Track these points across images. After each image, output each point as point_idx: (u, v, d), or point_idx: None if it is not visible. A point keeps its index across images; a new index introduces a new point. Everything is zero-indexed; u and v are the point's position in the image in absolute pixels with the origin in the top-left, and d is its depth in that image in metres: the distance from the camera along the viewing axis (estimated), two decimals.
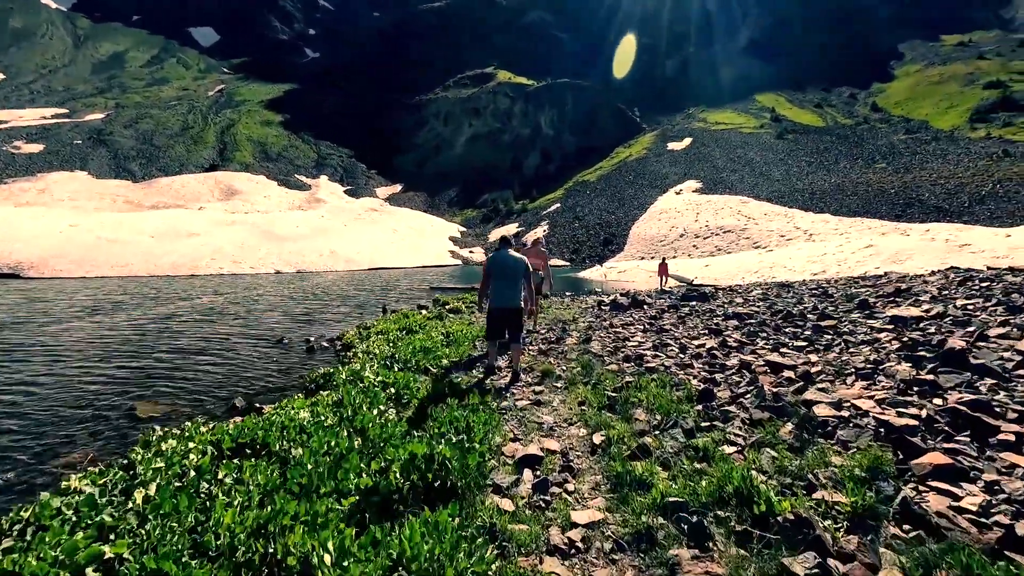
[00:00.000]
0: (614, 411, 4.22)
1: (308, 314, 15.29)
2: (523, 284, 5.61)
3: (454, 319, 11.31)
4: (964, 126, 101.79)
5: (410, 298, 21.21)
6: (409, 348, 6.79)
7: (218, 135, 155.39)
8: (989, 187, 46.95)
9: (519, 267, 5.55)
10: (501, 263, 5.54)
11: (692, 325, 7.58)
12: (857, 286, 11.66)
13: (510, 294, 5.50)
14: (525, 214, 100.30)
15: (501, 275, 5.51)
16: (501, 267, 5.52)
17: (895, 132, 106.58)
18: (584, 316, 10.32)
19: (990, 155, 62.50)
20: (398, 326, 9.20)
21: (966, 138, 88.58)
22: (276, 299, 20.46)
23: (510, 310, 5.52)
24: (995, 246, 17.67)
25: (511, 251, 5.65)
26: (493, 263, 5.58)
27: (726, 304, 9.88)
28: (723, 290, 14.42)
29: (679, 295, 13.08)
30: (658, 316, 8.93)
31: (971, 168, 55.72)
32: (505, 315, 5.54)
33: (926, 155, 73.21)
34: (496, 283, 5.55)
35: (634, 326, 7.98)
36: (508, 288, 5.50)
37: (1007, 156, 59.06)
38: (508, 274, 5.51)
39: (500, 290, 5.53)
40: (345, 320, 13.76)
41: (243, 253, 47.14)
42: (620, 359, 5.88)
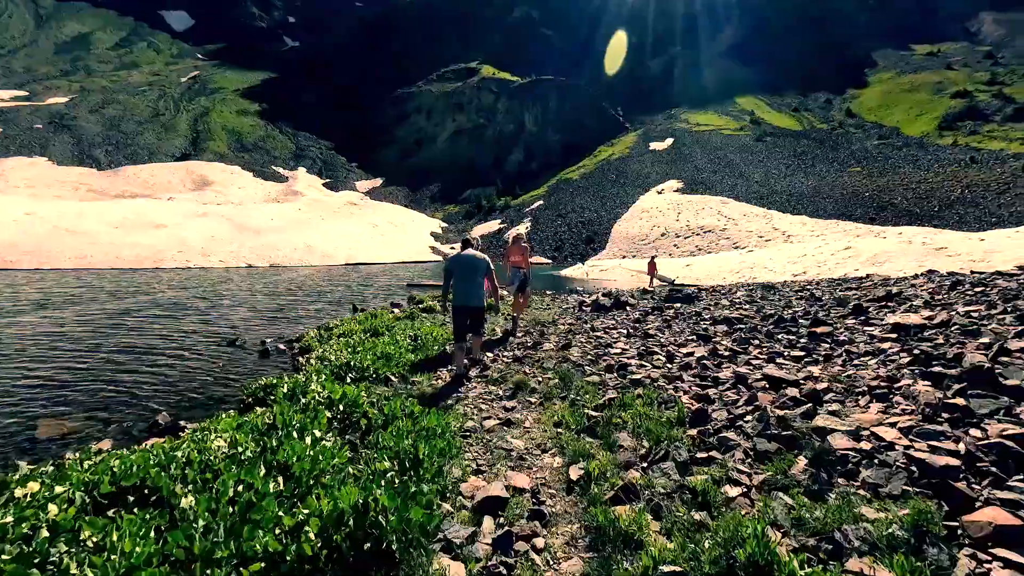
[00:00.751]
0: (595, 434, 3.64)
1: (275, 312, 14.36)
2: (484, 283, 5.72)
3: (426, 319, 10.61)
4: (933, 133, 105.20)
5: (386, 295, 20.37)
6: (370, 354, 6.10)
7: (191, 123, 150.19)
8: (958, 192, 48.38)
9: (479, 266, 5.63)
10: (461, 263, 5.63)
11: (679, 330, 7.08)
12: (842, 288, 11.39)
13: (471, 293, 5.57)
14: (508, 211, 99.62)
15: (462, 275, 5.58)
16: (461, 267, 5.60)
17: (868, 137, 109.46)
18: (564, 318, 9.75)
19: (958, 162, 64.53)
20: (363, 327, 8.47)
21: (935, 145, 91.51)
22: (244, 295, 19.37)
23: (472, 309, 5.59)
24: (971, 249, 17.82)
25: (472, 251, 5.74)
26: (453, 263, 5.68)
27: (712, 306, 9.44)
28: (707, 291, 14.07)
29: (662, 296, 12.65)
30: (642, 319, 8.42)
31: (940, 174, 57.44)
32: (468, 313, 5.61)
33: (898, 160, 75.28)
34: (457, 283, 5.61)
35: (617, 330, 7.44)
36: (469, 287, 5.57)
37: (974, 163, 61.07)
38: (468, 274, 5.58)
39: (461, 289, 5.58)
40: (314, 318, 12.92)
41: (213, 246, 45.26)
42: (602, 369, 5.31)
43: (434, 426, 3.64)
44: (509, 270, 8.38)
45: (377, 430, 3.74)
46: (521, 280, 8.22)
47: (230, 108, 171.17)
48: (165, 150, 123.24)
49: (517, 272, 8.26)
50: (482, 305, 5.71)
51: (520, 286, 8.26)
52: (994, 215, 42.34)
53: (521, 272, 8.26)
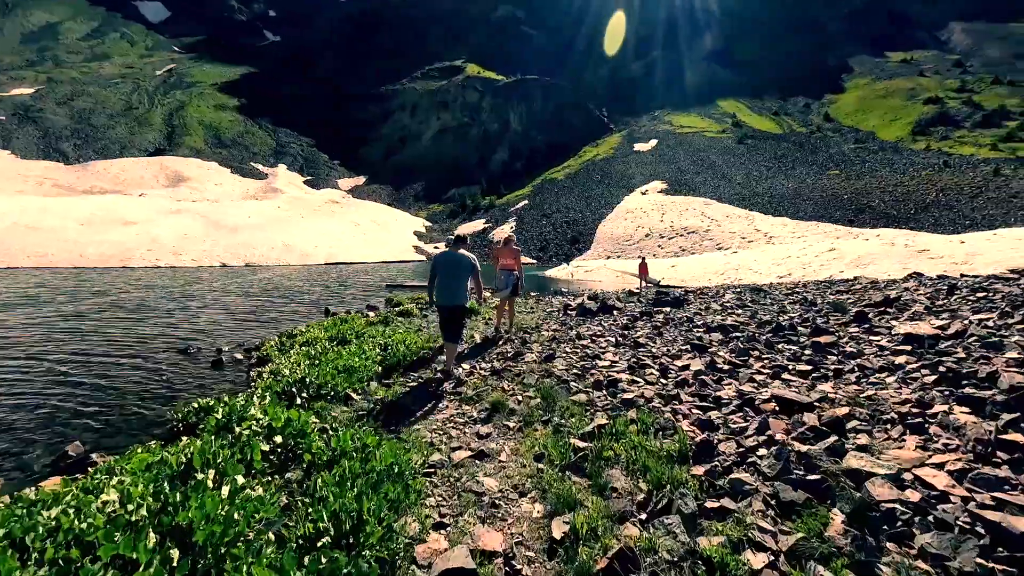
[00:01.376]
0: (582, 472, 3.07)
1: (244, 314, 13.49)
2: (469, 282, 5.61)
3: (402, 324, 9.94)
4: (907, 138, 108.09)
5: (364, 297, 19.57)
6: (330, 367, 5.44)
7: (166, 117, 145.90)
8: (933, 195, 49.49)
9: (465, 265, 5.50)
10: (447, 261, 5.51)
11: (671, 338, 6.57)
12: (833, 291, 11.09)
13: (454, 291, 5.46)
14: (492, 210, 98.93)
15: (446, 273, 5.47)
16: (447, 265, 5.48)
17: (846, 141, 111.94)
18: (548, 323, 9.19)
19: (932, 166, 66.17)
20: (329, 334, 7.77)
21: (909, 149, 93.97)
22: (215, 295, 18.35)
23: (455, 307, 5.49)
24: (952, 252, 17.88)
25: (461, 250, 5.59)
26: (439, 261, 5.55)
27: (703, 311, 8.99)
28: (694, 293, 13.69)
29: (650, 299, 12.20)
30: (630, 325, 7.90)
31: (916, 177, 58.79)
32: (449, 311, 5.52)
33: (875, 164, 76.94)
34: (441, 281, 5.50)
35: (605, 338, 6.89)
36: (452, 285, 5.46)
37: (947, 167, 62.70)
38: (452, 272, 5.47)
39: (444, 288, 5.49)
40: (288, 321, 12.12)
41: (185, 244, 43.57)
42: (590, 385, 4.75)
43: (390, 464, 3.02)
44: (499, 274, 7.59)
45: (321, 470, 3.10)
46: (514, 284, 7.51)
47: (207, 103, 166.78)
48: (138, 145, 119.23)
49: (509, 276, 7.49)
50: (464, 304, 5.56)
51: (513, 291, 7.57)
52: (968, 218, 43.37)
53: (513, 276, 7.51)
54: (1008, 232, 21.13)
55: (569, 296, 16.85)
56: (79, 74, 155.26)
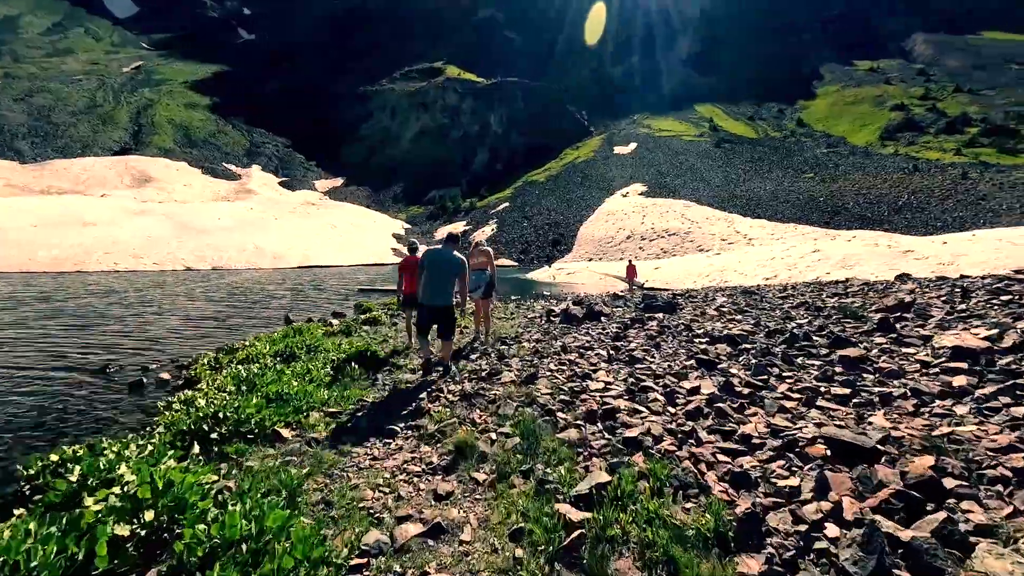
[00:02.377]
0: (578, 565, 2.13)
1: (198, 322, 12.17)
2: (455, 284, 5.42)
3: (367, 333, 8.88)
4: (876, 143, 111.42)
5: (336, 301, 18.32)
6: (258, 395, 4.39)
7: (133, 116, 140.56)
8: (904, 198, 50.56)
9: (454, 266, 5.33)
10: (435, 259, 5.34)
11: (670, 350, 5.70)
12: (827, 294, 10.48)
13: (440, 292, 5.28)
14: (473, 212, 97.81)
15: (433, 272, 5.29)
16: (435, 263, 5.32)
17: (818, 146, 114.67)
18: (530, 331, 8.26)
19: (902, 169, 67.97)
20: (275, 348, 6.67)
21: (878, 154, 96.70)
22: (170, 301, 16.84)
23: (440, 308, 5.33)
24: (937, 253, 17.68)
25: (451, 248, 5.41)
26: (427, 258, 5.38)
27: (699, 317, 8.18)
28: (683, 296, 12.97)
29: (639, 303, 11.41)
30: (622, 334, 7.02)
31: (888, 180, 60.15)
32: (435, 312, 5.35)
33: (848, 167, 78.74)
34: (427, 279, 5.30)
35: (594, 351, 5.98)
36: (438, 285, 5.27)
37: (917, 171, 64.47)
38: (440, 271, 5.29)
39: (430, 286, 5.29)
40: (245, 331, 10.89)
41: (148, 247, 41.23)
42: (580, 416, 3.81)
43: (298, 561, 2.03)
44: (471, 274, 7.02)
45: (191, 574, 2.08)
46: (487, 284, 7.09)
47: (177, 101, 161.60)
48: (102, 143, 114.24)
49: (481, 275, 7.09)
50: (451, 303, 5.39)
51: (486, 290, 7.14)
52: (939, 220, 44.35)
53: (486, 275, 7.11)
54: (985, 233, 21.20)
55: (552, 300, 15.97)
56: (39, 70, 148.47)
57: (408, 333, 7.51)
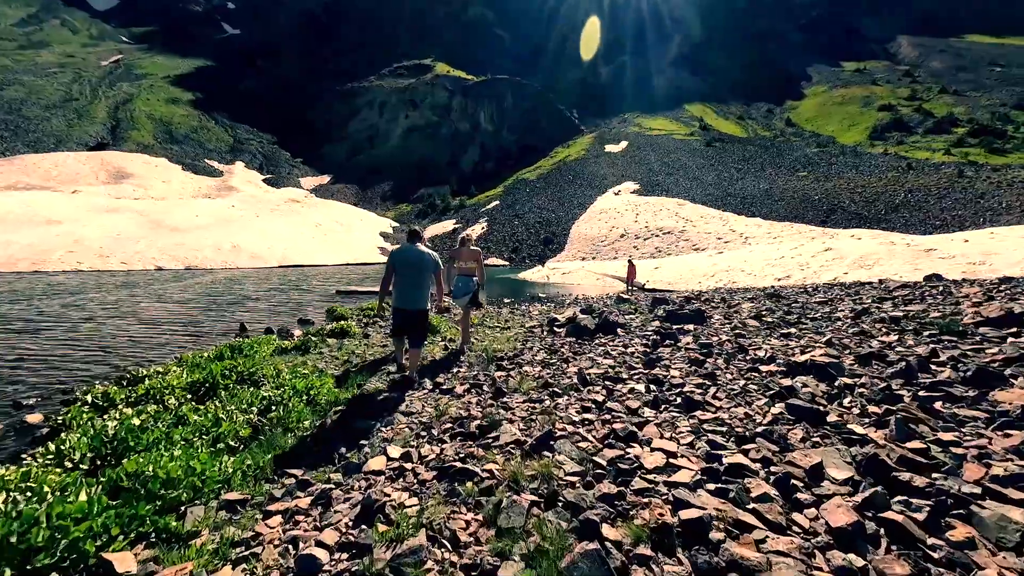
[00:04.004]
0: None
1: (145, 330, 10.32)
2: (430, 283, 5.05)
3: (329, 349, 7.17)
4: (865, 142, 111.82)
5: (310, 304, 16.49)
6: (109, 478, 2.69)
7: (111, 110, 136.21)
8: (901, 196, 49.91)
9: (425, 264, 4.87)
10: (404, 258, 4.85)
11: (735, 385, 4.10)
12: (871, 297, 9.01)
13: (413, 295, 4.86)
14: (463, 210, 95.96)
15: (404, 273, 4.85)
16: (404, 263, 4.84)
17: (808, 145, 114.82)
18: (531, 347, 6.63)
19: (896, 168, 67.63)
20: (193, 378, 4.93)
21: (867, 153, 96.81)
22: (128, 304, 14.87)
23: (413, 312, 4.89)
24: (964, 251, 16.43)
25: (420, 245, 4.96)
26: (395, 258, 4.88)
27: (742, 329, 6.60)
28: (698, 299, 11.43)
29: (656, 310, 9.83)
30: (652, 354, 5.42)
31: (883, 179, 59.63)
32: (407, 317, 4.92)
33: (841, 166, 78.38)
34: (399, 281, 4.89)
35: (626, 383, 4.36)
36: (411, 288, 4.86)
37: (911, 169, 64.14)
38: (412, 272, 4.85)
39: (402, 290, 4.88)
40: (193, 341, 9.09)
41: (115, 245, 38.77)
42: (646, 535, 2.14)
43: None
44: (456, 279, 6.35)
45: None
46: (473, 292, 6.32)
47: (158, 96, 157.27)
48: (77, 138, 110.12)
49: (468, 281, 6.31)
50: (425, 308, 4.97)
51: (472, 299, 6.38)
52: (937, 218, 43.62)
53: (473, 281, 6.32)
54: (1005, 231, 20.07)
55: (550, 304, 14.33)
56: (12, 62, 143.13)
57: None
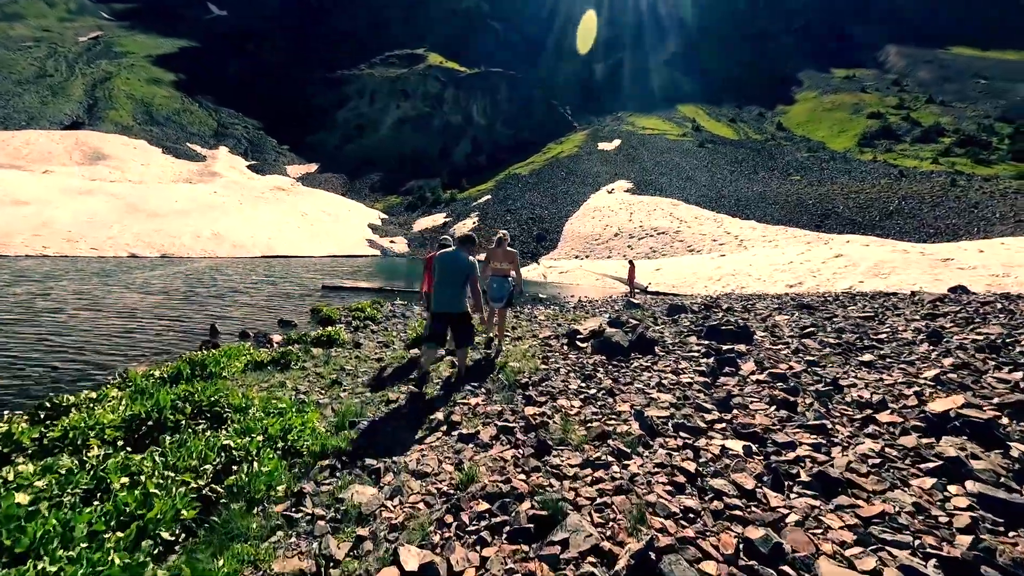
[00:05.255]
0: None
1: (105, 327, 8.97)
2: (466, 288, 4.96)
3: (314, 363, 6.01)
4: (854, 149, 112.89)
5: (298, 299, 15.17)
6: None
7: (88, 88, 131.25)
8: (895, 203, 50.00)
9: (462, 269, 4.87)
10: (443, 263, 4.92)
11: (865, 448, 3.07)
12: (918, 313, 8.14)
13: (451, 298, 4.88)
14: (454, 204, 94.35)
15: (442, 278, 4.90)
16: (442, 268, 4.91)
17: (798, 150, 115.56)
18: (556, 369, 5.56)
19: (888, 175, 68.01)
20: (136, 410, 3.73)
21: (857, 160, 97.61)
22: (91, 297, 13.39)
23: (454, 315, 4.93)
24: (983, 262, 15.81)
25: (459, 250, 4.98)
26: (437, 262, 4.98)
27: (803, 351, 5.61)
28: (716, 307, 10.47)
29: (670, 315, 8.84)
30: (718, 389, 4.39)
31: (876, 185, 59.82)
32: (449, 320, 4.95)
33: (833, 171, 78.72)
34: (437, 285, 4.93)
35: (711, 436, 3.31)
36: (449, 291, 4.88)
37: (903, 177, 64.54)
38: (450, 277, 4.88)
39: (442, 293, 4.90)
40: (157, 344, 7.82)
41: (86, 230, 36.60)
42: None
43: None
44: (491, 280, 6.15)
45: None
46: (509, 294, 6.13)
47: (139, 76, 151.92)
48: (50, 116, 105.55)
49: (503, 283, 6.11)
50: (466, 311, 4.94)
51: (508, 302, 6.21)
52: (931, 226, 43.72)
53: (508, 283, 6.14)
54: (1015, 242, 19.62)
55: (556, 308, 13.26)
56: None
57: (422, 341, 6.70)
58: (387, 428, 3.86)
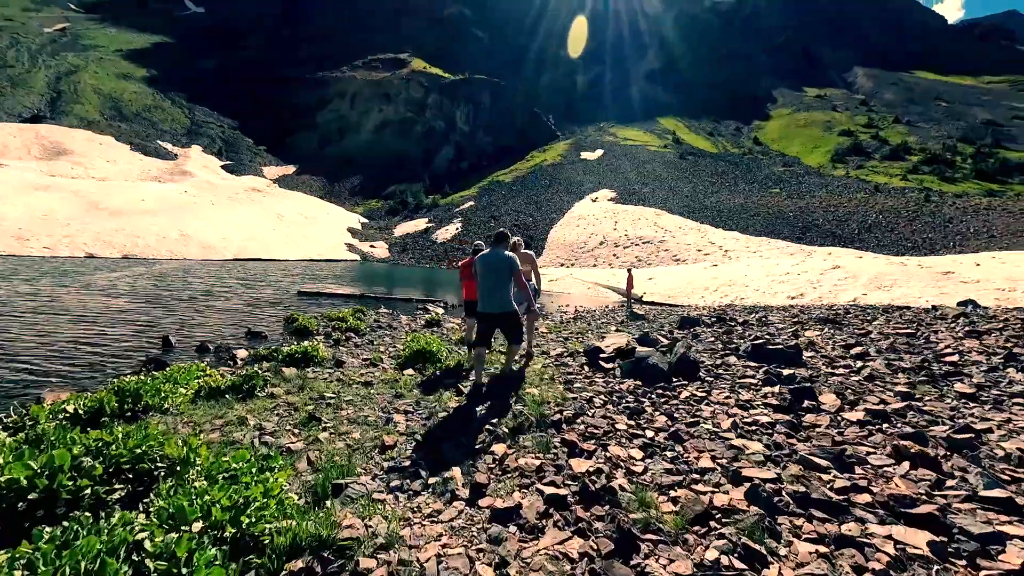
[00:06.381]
0: None
1: (34, 345, 7.51)
2: (511, 284, 4.79)
3: (285, 390, 4.83)
4: (828, 164, 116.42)
5: (271, 306, 13.75)
6: None
7: (51, 81, 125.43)
8: (873, 217, 51.15)
9: (505, 265, 4.70)
10: (485, 263, 4.77)
11: None
12: (953, 330, 7.45)
13: (497, 298, 4.73)
14: (436, 209, 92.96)
15: (485, 277, 4.76)
16: (485, 268, 4.75)
17: (774, 164, 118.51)
18: (588, 400, 4.54)
19: (864, 190, 69.88)
20: (17, 474, 2.53)
21: (831, 175, 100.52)
22: (25, 302, 11.72)
23: (502, 315, 4.76)
24: (984, 275, 15.56)
25: (499, 248, 4.83)
26: (478, 264, 4.88)
27: (859, 367, 4.73)
28: (727, 319, 9.65)
29: (683, 327, 7.95)
30: (799, 423, 3.45)
31: (853, 199, 61.29)
32: (497, 320, 4.80)
33: (810, 185, 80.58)
34: (482, 285, 4.79)
35: (866, 526, 2.31)
36: (495, 290, 4.73)
37: (879, 191, 66.37)
38: (491, 277, 4.74)
39: (487, 293, 4.76)
40: (83, 365, 6.46)
41: (40, 227, 33.96)
42: None
43: None
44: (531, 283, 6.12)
45: None
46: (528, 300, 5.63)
47: (108, 70, 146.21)
48: (8, 108, 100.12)
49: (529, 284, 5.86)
50: (513, 308, 4.77)
51: (527, 308, 5.81)
52: (908, 240, 44.77)
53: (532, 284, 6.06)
54: (1009, 255, 19.65)
55: (554, 321, 12.26)
56: None
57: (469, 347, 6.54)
58: (387, 490, 2.77)
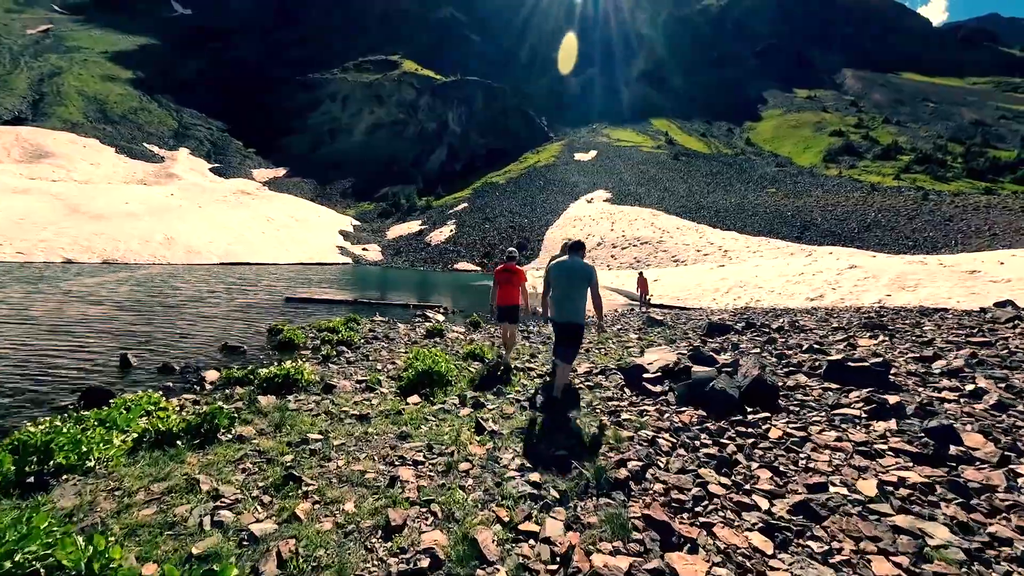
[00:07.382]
0: None
1: None
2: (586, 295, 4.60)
3: (260, 430, 3.72)
4: (820, 164, 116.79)
5: (256, 313, 12.58)
6: None
7: (34, 82, 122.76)
8: (872, 216, 50.80)
9: (586, 276, 4.55)
10: (567, 272, 4.64)
11: None
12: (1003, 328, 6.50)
13: (569, 308, 4.59)
14: (430, 211, 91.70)
15: (563, 286, 4.62)
16: (567, 277, 4.63)
17: (768, 164, 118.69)
18: (649, 445, 3.50)
19: (861, 188, 69.76)
20: None
21: (823, 175, 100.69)
22: None
23: (571, 325, 4.58)
24: (1012, 274, 14.77)
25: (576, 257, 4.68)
26: (552, 270, 4.77)
27: (980, 393, 3.74)
28: (758, 326, 8.68)
29: (709, 335, 6.96)
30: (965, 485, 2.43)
31: (851, 199, 61.04)
32: (565, 330, 4.62)
33: (806, 184, 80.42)
34: (557, 296, 4.66)
35: None
36: (573, 301, 4.58)
37: (875, 190, 66.23)
38: (572, 286, 4.58)
39: (563, 304, 4.62)
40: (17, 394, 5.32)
41: (15, 231, 32.37)
42: None
43: None
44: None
45: None
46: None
47: (92, 72, 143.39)
48: None
49: None
50: (581, 321, 4.61)
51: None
52: (909, 239, 44.38)
53: None
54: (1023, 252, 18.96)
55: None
56: None
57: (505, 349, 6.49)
58: None
